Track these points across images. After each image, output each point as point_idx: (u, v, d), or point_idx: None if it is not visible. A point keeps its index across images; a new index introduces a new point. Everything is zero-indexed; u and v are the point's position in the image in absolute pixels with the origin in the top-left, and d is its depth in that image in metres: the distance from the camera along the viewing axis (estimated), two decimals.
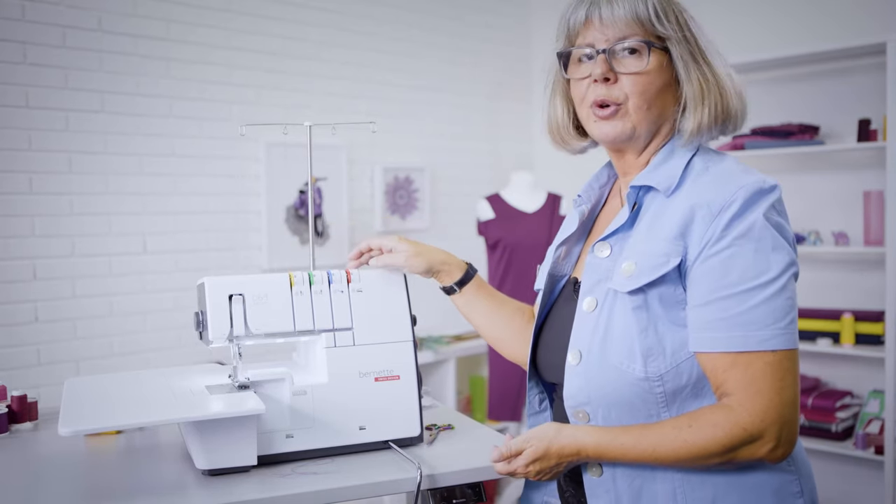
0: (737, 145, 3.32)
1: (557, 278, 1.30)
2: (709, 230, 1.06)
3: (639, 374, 1.08)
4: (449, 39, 4.08)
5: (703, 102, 1.15)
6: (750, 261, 1.04)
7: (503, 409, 3.58)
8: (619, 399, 1.10)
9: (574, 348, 1.15)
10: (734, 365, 1.04)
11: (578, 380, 1.14)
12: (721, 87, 1.16)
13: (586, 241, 1.31)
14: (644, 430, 1.08)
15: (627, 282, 1.10)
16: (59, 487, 1.21)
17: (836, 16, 3.32)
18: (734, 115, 1.18)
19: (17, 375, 2.73)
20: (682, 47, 1.15)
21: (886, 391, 2.92)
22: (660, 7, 1.14)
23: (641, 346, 1.08)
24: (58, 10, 2.84)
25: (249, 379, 1.29)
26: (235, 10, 3.30)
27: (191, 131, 3.18)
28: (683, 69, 1.15)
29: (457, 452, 1.33)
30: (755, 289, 1.03)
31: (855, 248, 3.11)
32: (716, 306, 1.04)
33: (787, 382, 1.03)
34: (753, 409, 1.02)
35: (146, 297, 3.06)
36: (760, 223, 1.06)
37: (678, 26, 1.15)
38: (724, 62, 1.18)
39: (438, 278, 1.43)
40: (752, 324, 1.03)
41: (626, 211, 1.17)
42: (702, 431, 1.04)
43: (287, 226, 3.44)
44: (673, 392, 1.09)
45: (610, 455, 1.09)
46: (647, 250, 1.10)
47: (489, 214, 3.63)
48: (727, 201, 1.06)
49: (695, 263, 1.07)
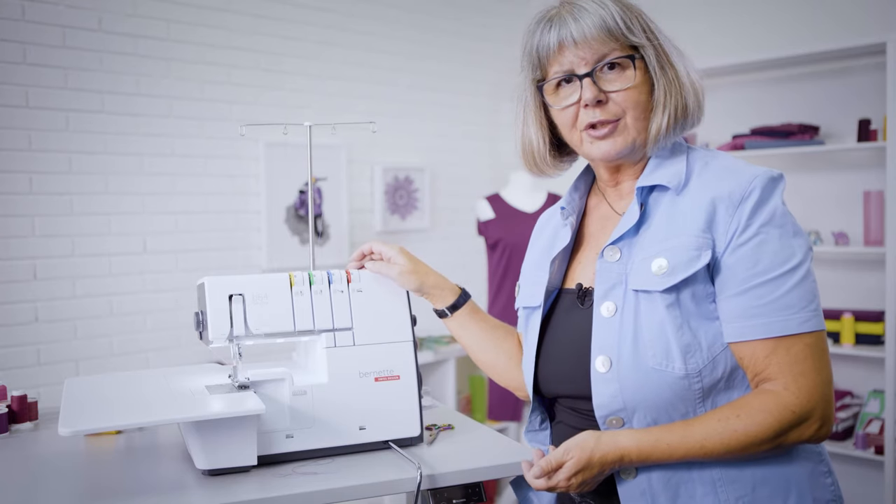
0: (737, 145, 3.33)
1: (548, 292, 1.28)
2: (733, 221, 1.08)
3: (678, 372, 1.08)
4: (449, 39, 4.08)
5: (664, 108, 1.15)
6: (777, 247, 1.07)
7: (503, 409, 3.58)
8: (657, 401, 1.09)
9: (601, 355, 1.13)
10: (775, 350, 1.06)
11: (610, 387, 1.12)
12: (681, 87, 1.16)
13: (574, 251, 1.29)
14: (687, 426, 1.08)
15: (662, 280, 1.09)
16: (58, 487, 1.21)
17: (836, 16, 3.32)
18: (691, 115, 1.17)
19: (17, 375, 2.73)
20: (651, 53, 1.15)
21: (886, 391, 2.92)
22: (625, 16, 1.14)
23: (679, 344, 1.08)
24: (58, 10, 2.84)
25: (249, 379, 1.29)
26: (235, 10, 3.30)
27: (191, 131, 3.18)
28: (655, 76, 1.15)
29: (457, 452, 1.33)
30: (786, 274, 1.06)
31: (855, 248, 3.11)
32: (751, 294, 1.06)
33: (825, 362, 1.07)
34: (799, 391, 1.05)
35: (146, 297, 3.06)
36: (781, 210, 1.09)
37: (644, 32, 1.15)
38: (683, 60, 1.18)
39: (430, 300, 1.42)
40: (789, 308, 1.05)
41: (635, 213, 1.16)
42: (751, 418, 1.05)
43: (287, 226, 3.44)
44: (710, 386, 1.09)
45: (655, 457, 1.08)
46: (676, 246, 1.10)
47: (489, 214, 3.63)
48: (746, 191, 1.08)
49: (724, 254, 1.08)
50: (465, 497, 1.26)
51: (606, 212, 1.27)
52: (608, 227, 1.24)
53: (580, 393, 1.17)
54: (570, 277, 1.27)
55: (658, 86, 1.15)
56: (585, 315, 1.19)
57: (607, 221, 1.25)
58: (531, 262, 1.35)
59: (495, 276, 3.61)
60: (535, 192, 3.69)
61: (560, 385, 1.23)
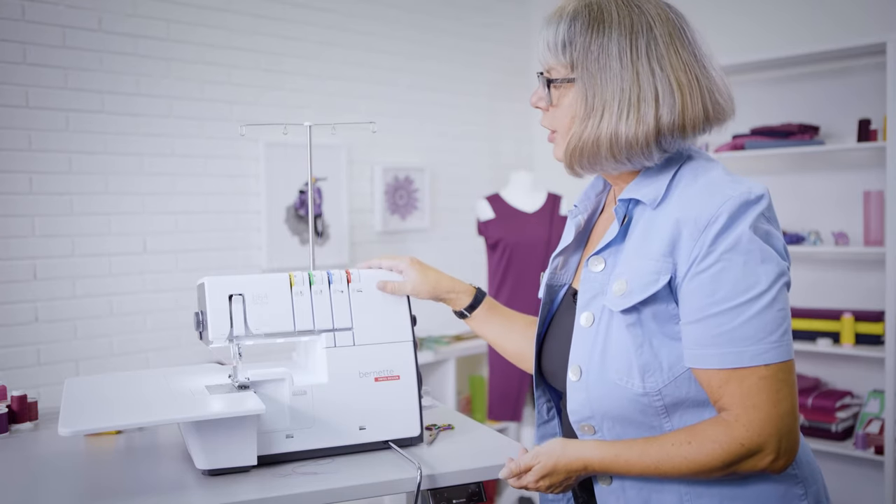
0: (737, 145, 3.33)
1: (557, 288, 1.29)
2: (696, 246, 1.04)
3: (637, 389, 1.08)
4: (448, 39, 4.08)
5: (567, 132, 1.17)
6: (739, 275, 1.02)
7: (503, 409, 3.58)
8: (620, 413, 1.11)
9: (574, 364, 1.15)
10: (729, 381, 1.03)
11: (580, 395, 1.14)
12: (600, 120, 1.12)
13: (584, 250, 1.30)
14: (646, 445, 1.08)
15: (620, 301, 1.09)
16: (58, 487, 1.21)
17: (836, 16, 3.32)
18: (602, 157, 1.14)
19: (17, 375, 2.73)
20: (585, 78, 1.12)
21: (886, 391, 2.92)
22: (567, 36, 1.13)
23: (638, 363, 1.08)
24: (58, 10, 2.84)
25: (249, 379, 1.29)
26: (235, 10, 3.30)
27: (191, 131, 3.18)
28: (583, 102, 1.13)
29: (457, 452, 1.33)
30: (745, 303, 1.02)
31: (855, 248, 3.11)
32: (707, 323, 1.03)
33: (784, 394, 1.03)
34: (750, 424, 1.02)
35: (146, 297, 3.06)
36: (747, 236, 1.03)
37: (582, 55, 1.12)
38: (616, 80, 1.11)
39: (448, 304, 1.46)
40: (745, 339, 1.02)
41: (615, 225, 1.16)
42: (702, 447, 1.05)
43: (287, 226, 3.44)
44: (673, 404, 1.09)
45: (615, 469, 1.11)
46: (638, 268, 1.09)
47: (489, 214, 3.63)
48: (713, 216, 1.04)
49: (684, 280, 1.06)
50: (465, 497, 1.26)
51: (612, 214, 1.27)
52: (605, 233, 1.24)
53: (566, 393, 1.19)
54: (578, 276, 1.28)
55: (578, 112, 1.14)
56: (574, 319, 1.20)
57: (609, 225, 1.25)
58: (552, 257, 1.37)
59: (495, 276, 3.61)
60: (535, 192, 3.69)
61: (553, 380, 1.27)
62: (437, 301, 1.44)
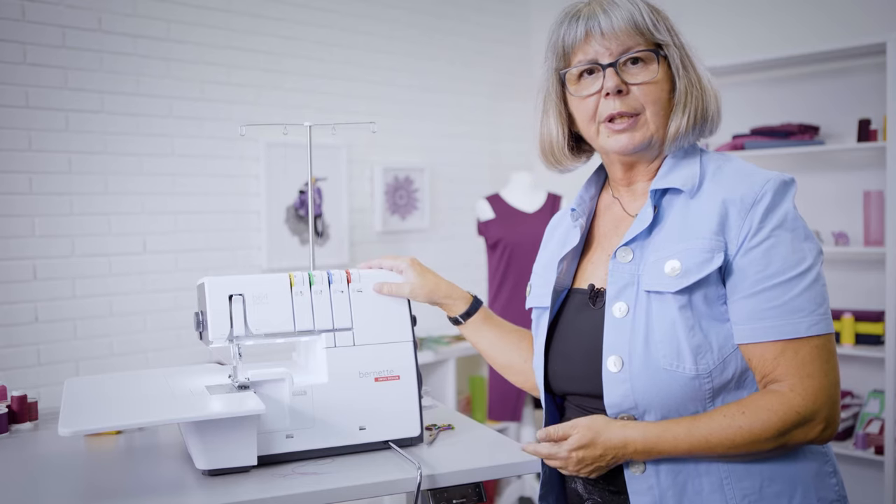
0: (737, 145, 3.33)
1: (557, 292, 1.29)
2: (745, 223, 1.09)
3: (689, 372, 1.09)
4: (449, 39, 4.09)
5: (684, 107, 1.17)
6: (788, 250, 1.08)
7: (503, 409, 3.58)
8: (667, 400, 1.11)
9: (612, 355, 1.14)
10: (784, 352, 1.07)
11: (622, 386, 1.13)
12: (703, 91, 1.19)
13: (584, 251, 1.31)
14: (693, 421, 1.09)
15: (675, 281, 1.10)
16: (59, 487, 1.21)
17: (836, 16, 3.32)
18: (711, 118, 1.20)
19: (17, 375, 2.73)
20: (675, 53, 1.18)
21: (886, 391, 2.92)
22: (653, 15, 1.17)
23: (690, 345, 1.09)
24: (58, 10, 2.84)
25: (249, 379, 1.29)
26: (235, 10, 3.30)
27: (191, 131, 3.18)
28: (677, 75, 1.18)
29: (457, 452, 1.33)
30: (796, 277, 1.08)
31: (855, 248, 3.11)
32: (762, 297, 1.08)
33: (832, 365, 1.08)
34: (805, 393, 1.07)
35: (146, 297, 3.06)
36: (792, 214, 1.10)
37: (669, 33, 1.18)
38: (703, 65, 1.21)
39: (443, 309, 1.46)
40: (799, 311, 1.07)
41: (649, 214, 1.17)
42: (756, 416, 1.07)
43: (287, 226, 3.44)
44: (720, 387, 1.11)
45: (659, 448, 1.10)
46: (687, 249, 1.11)
47: (489, 214, 3.63)
48: (758, 194, 1.10)
49: (735, 257, 1.09)
50: (465, 497, 1.26)
51: (619, 213, 1.28)
52: (620, 228, 1.25)
53: (589, 391, 1.19)
54: (581, 277, 1.28)
55: (679, 86, 1.18)
56: (597, 315, 1.20)
57: (620, 223, 1.26)
58: (542, 263, 1.37)
59: (495, 276, 3.61)
60: (535, 192, 3.69)
61: (570, 383, 1.25)
62: (433, 305, 1.45)
